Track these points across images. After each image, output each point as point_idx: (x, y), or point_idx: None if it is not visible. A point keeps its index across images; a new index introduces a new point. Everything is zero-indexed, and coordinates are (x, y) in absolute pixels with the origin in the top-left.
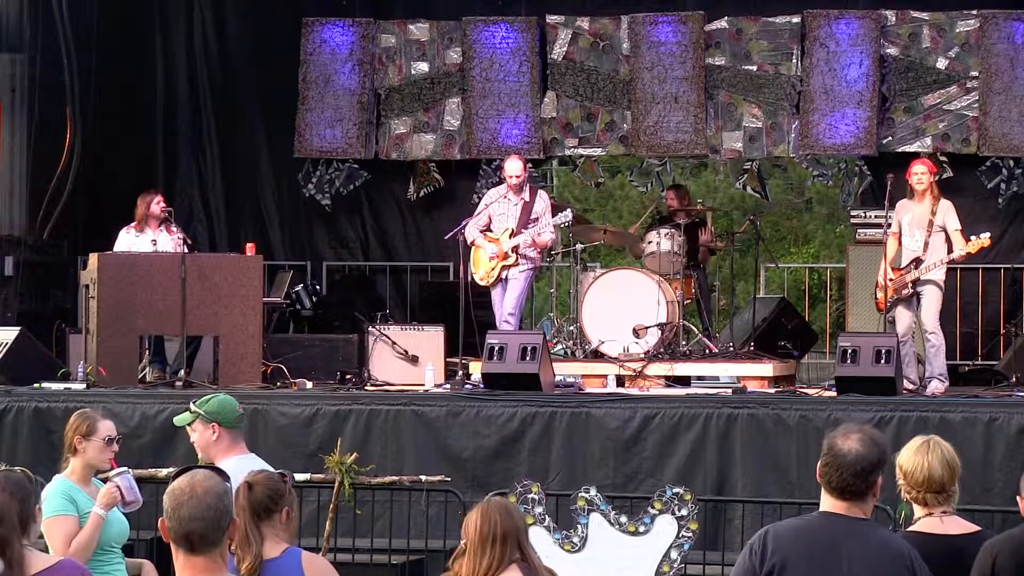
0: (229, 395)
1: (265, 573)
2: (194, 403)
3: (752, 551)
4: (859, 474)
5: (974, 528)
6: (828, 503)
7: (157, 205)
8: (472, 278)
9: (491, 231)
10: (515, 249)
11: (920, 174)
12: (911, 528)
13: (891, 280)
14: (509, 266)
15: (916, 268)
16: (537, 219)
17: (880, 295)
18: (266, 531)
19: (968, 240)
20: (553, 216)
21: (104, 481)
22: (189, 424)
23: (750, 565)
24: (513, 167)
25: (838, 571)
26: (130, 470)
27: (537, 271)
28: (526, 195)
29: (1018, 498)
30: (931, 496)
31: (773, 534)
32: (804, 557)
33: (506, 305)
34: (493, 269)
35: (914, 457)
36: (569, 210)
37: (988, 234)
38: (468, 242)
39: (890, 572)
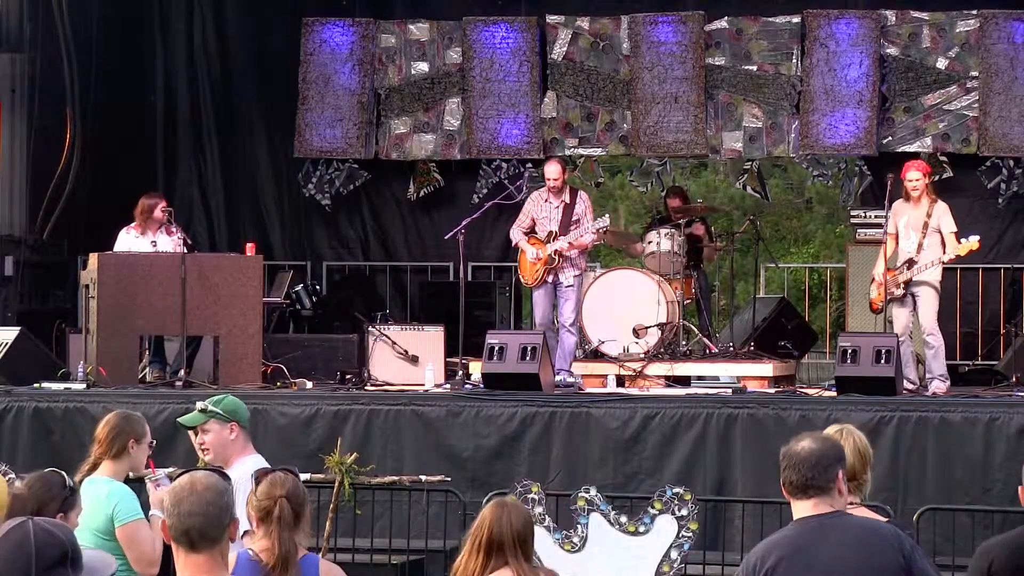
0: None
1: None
2: (205, 403)
3: (743, 571)
4: (816, 466)
5: (881, 519)
6: (798, 509)
7: (160, 210)
8: (520, 280)
9: (535, 234)
10: (557, 252)
11: (915, 180)
12: None
13: (886, 281)
14: (552, 269)
15: (909, 269)
16: (578, 220)
17: (874, 294)
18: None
19: (960, 243)
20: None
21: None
22: (202, 424)
23: None
24: (552, 171)
25: (824, 564)
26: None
27: (584, 273)
28: (566, 197)
29: (1020, 488)
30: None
31: (756, 552)
32: (789, 560)
33: (564, 319)
34: (536, 272)
35: None
36: (607, 216)
37: (977, 237)
38: (512, 245)
39: (876, 551)
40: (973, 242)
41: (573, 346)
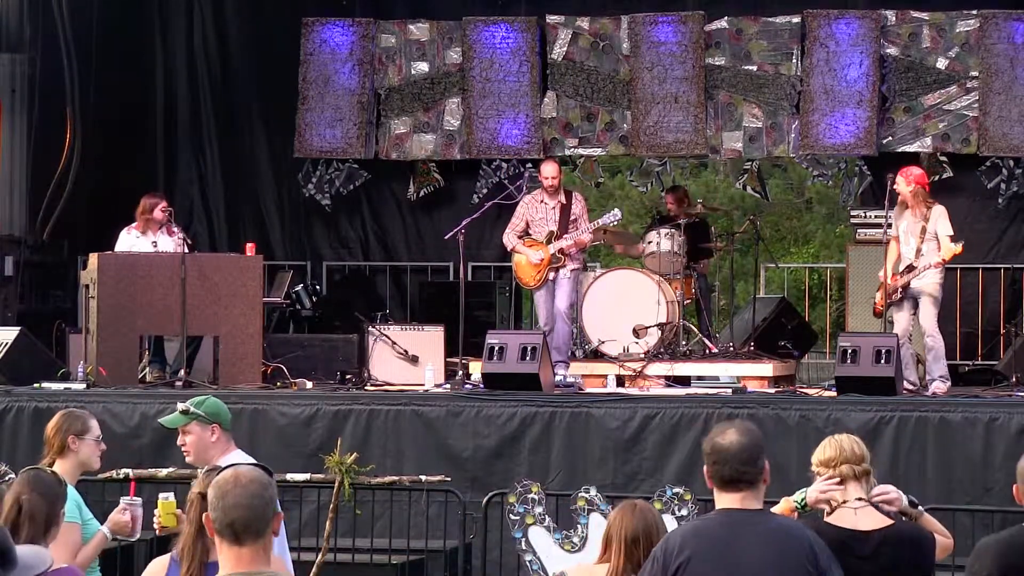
0: (215, 397)
1: (213, 572)
2: (186, 404)
3: (655, 558)
4: (747, 461)
5: (888, 521)
6: (723, 500)
7: (160, 210)
8: (518, 283)
9: (529, 235)
10: (561, 251)
11: (899, 186)
12: (825, 519)
13: (887, 284)
14: (556, 267)
15: (908, 274)
16: (576, 219)
17: (878, 297)
18: None
19: (950, 245)
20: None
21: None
22: (183, 426)
23: (654, 572)
24: (548, 170)
25: (735, 562)
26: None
27: (582, 269)
28: (562, 197)
29: (1015, 486)
30: (847, 468)
31: (674, 537)
32: (703, 554)
33: (560, 306)
34: (539, 273)
35: (824, 444)
36: (617, 210)
37: (961, 243)
38: (508, 249)
39: (786, 558)
40: (956, 247)
41: (568, 335)
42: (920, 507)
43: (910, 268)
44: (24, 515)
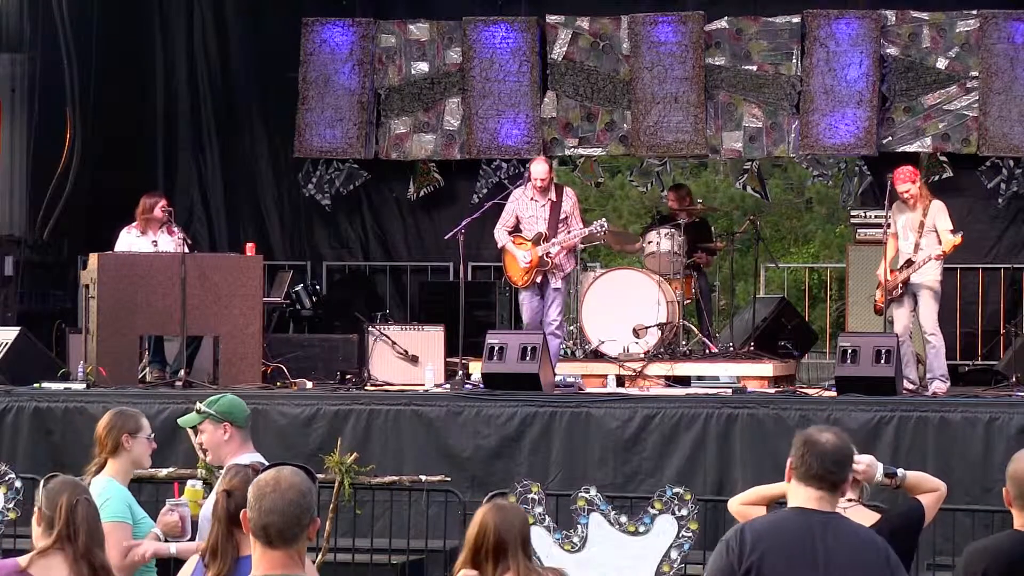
0: (236, 396)
1: (238, 570)
2: (201, 403)
3: (729, 548)
4: (838, 463)
5: (875, 516)
6: (800, 497)
7: (160, 209)
8: (507, 279)
9: (520, 231)
10: (549, 255)
11: (906, 192)
12: None
13: (887, 281)
14: (545, 271)
15: (907, 268)
16: (567, 217)
17: (878, 295)
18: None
19: (949, 237)
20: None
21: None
22: (197, 425)
23: (727, 563)
24: (539, 170)
25: (816, 564)
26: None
27: (579, 269)
28: (552, 195)
29: (1004, 490)
30: None
31: (750, 530)
32: (782, 552)
33: (550, 320)
34: (527, 275)
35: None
36: (604, 220)
37: (960, 233)
38: (499, 247)
39: (867, 563)
40: (956, 238)
41: (557, 348)
42: (899, 471)
43: (909, 263)
44: (81, 520)
